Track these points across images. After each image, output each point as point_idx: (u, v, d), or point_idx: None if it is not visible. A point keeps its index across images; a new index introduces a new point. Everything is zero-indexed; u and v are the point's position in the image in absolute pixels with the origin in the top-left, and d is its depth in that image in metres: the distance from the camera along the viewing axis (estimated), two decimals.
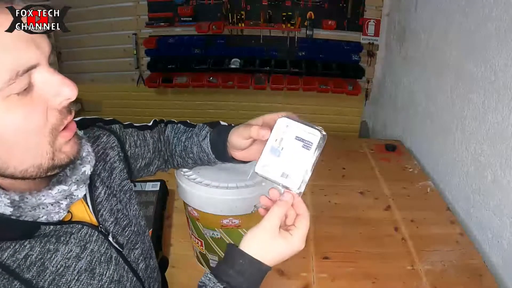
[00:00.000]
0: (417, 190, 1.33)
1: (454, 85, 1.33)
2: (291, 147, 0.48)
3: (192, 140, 0.65)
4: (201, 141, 0.63)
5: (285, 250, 0.48)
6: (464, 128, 1.25)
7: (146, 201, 1.08)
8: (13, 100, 0.36)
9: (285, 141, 0.48)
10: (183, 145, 0.67)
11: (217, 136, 0.61)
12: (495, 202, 1.06)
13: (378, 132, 2.38)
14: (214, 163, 0.65)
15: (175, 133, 0.69)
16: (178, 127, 0.69)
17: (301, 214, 0.49)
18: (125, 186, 0.57)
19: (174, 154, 0.69)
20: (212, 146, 0.62)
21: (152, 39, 2.38)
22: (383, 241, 1.07)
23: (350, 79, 2.36)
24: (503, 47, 1.04)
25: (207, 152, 0.62)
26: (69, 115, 0.41)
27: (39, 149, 0.39)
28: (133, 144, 0.62)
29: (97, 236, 0.47)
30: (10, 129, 0.36)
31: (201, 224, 0.82)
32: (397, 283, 0.93)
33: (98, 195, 0.50)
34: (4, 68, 0.34)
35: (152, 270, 0.59)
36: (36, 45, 0.38)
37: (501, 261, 1.02)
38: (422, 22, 1.66)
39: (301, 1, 2.21)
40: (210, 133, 0.63)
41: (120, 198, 0.55)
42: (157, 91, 2.64)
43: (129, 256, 0.52)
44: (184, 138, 0.67)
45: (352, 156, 1.56)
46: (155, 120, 0.70)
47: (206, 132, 0.64)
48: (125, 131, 0.62)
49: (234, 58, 2.38)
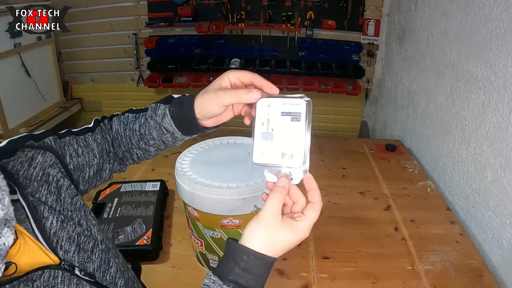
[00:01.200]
0: (417, 190, 1.33)
1: (454, 85, 1.33)
2: (281, 125, 0.45)
3: (148, 124, 0.58)
4: (160, 121, 0.56)
5: (291, 239, 0.44)
6: (464, 128, 1.25)
7: (146, 201, 1.08)
8: None
9: (272, 121, 0.46)
10: (139, 134, 0.59)
11: (180, 110, 0.55)
12: (495, 202, 1.06)
13: (378, 132, 2.38)
14: (180, 141, 0.59)
15: (125, 124, 0.61)
16: (126, 117, 0.61)
17: (313, 202, 0.46)
18: (77, 203, 0.50)
19: (131, 148, 0.61)
20: (176, 122, 0.55)
21: (152, 39, 2.38)
22: (383, 241, 1.07)
23: (350, 79, 2.36)
24: (503, 47, 1.04)
25: (172, 130, 0.56)
26: None
27: None
28: (74, 155, 0.54)
29: (62, 276, 0.41)
30: None
31: (201, 224, 0.82)
32: (397, 283, 0.93)
33: (50, 226, 0.43)
34: None
35: (132, 282, 0.54)
36: None
37: (501, 261, 1.02)
38: (422, 22, 1.66)
39: (301, 1, 2.22)
40: (168, 109, 0.56)
41: (77, 219, 0.48)
42: (157, 91, 2.64)
43: (104, 279, 0.47)
44: (138, 125, 0.59)
45: (352, 156, 1.55)
46: (96, 119, 0.62)
47: (163, 110, 0.56)
48: (62, 141, 0.54)
49: (234, 58, 2.38)
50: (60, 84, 2.57)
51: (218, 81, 0.51)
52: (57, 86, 2.56)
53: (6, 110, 2.06)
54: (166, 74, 2.45)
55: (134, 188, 1.14)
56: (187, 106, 0.53)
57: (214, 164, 0.83)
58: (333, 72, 2.29)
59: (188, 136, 0.58)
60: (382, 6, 2.21)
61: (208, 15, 2.30)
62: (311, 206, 0.45)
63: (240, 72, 0.50)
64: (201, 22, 2.28)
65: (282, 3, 2.23)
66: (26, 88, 2.24)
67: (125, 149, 0.62)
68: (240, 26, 2.28)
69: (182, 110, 0.54)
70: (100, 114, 0.61)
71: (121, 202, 1.06)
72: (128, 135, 0.60)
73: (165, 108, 0.56)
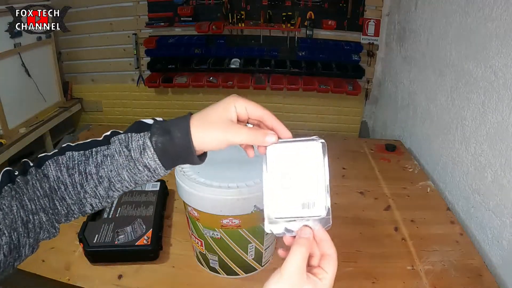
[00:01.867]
0: (417, 190, 1.33)
1: (454, 85, 1.33)
2: (297, 171, 0.41)
3: (113, 163, 0.45)
4: (139, 157, 0.44)
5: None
6: (464, 128, 1.25)
7: (146, 201, 1.08)
8: None
9: (287, 168, 0.41)
10: (97, 178, 0.45)
11: (168, 140, 0.43)
12: (495, 202, 1.06)
13: (378, 132, 2.38)
14: (157, 178, 0.47)
15: (70, 167, 0.45)
16: (69, 158, 0.46)
17: (329, 255, 0.43)
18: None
19: (83, 198, 0.46)
20: (160, 156, 0.44)
21: (152, 39, 2.38)
22: (383, 241, 1.07)
23: (350, 79, 2.36)
24: (503, 47, 1.04)
25: (154, 167, 0.44)
26: None
27: None
28: None
29: None
30: None
31: (201, 224, 0.82)
32: (397, 283, 0.93)
33: None
34: None
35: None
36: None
37: (501, 261, 1.02)
38: (422, 22, 1.66)
39: (301, 1, 2.22)
40: (149, 139, 0.44)
41: None
42: (157, 91, 2.64)
43: None
44: (93, 167, 0.45)
45: (352, 156, 1.55)
46: (6, 171, 0.45)
47: (141, 142, 0.44)
48: None
49: (234, 58, 2.38)
50: (60, 84, 2.57)
51: (223, 111, 0.43)
52: (57, 86, 2.56)
53: (6, 110, 2.06)
54: (166, 74, 2.45)
55: (134, 188, 1.14)
56: (179, 136, 0.43)
57: (214, 164, 0.83)
58: (333, 72, 2.29)
59: (169, 170, 0.47)
60: (382, 6, 2.20)
61: (208, 15, 2.30)
62: (329, 259, 0.42)
63: (250, 104, 0.44)
64: (201, 22, 2.28)
65: (282, 3, 2.23)
66: (26, 88, 2.24)
67: (73, 201, 0.46)
68: (240, 26, 2.28)
69: (171, 141, 0.43)
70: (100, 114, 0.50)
71: (121, 202, 1.06)
72: (78, 181, 0.45)
73: (143, 139, 0.44)
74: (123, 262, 0.93)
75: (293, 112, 2.60)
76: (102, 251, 0.90)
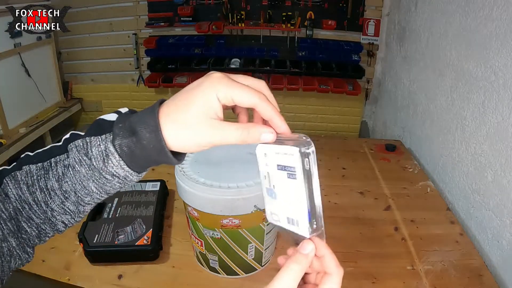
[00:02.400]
0: (417, 190, 1.33)
1: (454, 85, 1.33)
2: (280, 182, 0.35)
3: (76, 175, 0.38)
4: (102, 167, 0.37)
5: None
6: (464, 128, 1.25)
7: (146, 201, 1.08)
8: None
9: (272, 175, 0.36)
10: (62, 193, 0.39)
11: (135, 142, 0.36)
12: (495, 202, 1.06)
13: (378, 132, 2.38)
14: (133, 182, 0.41)
15: (30, 185, 0.39)
16: (27, 173, 0.39)
17: (329, 274, 0.36)
18: None
19: (52, 217, 0.40)
20: (128, 161, 0.37)
21: (152, 39, 2.38)
22: (383, 241, 1.07)
23: (350, 79, 2.36)
24: (503, 47, 1.04)
25: (123, 175, 0.38)
26: None
27: None
28: None
29: None
30: None
31: (201, 224, 0.82)
32: (397, 283, 0.93)
33: None
34: None
35: None
36: None
37: (501, 261, 1.02)
38: (422, 22, 1.66)
39: (301, 1, 2.22)
40: (112, 144, 0.36)
41: None
42: (157, 91, 2.64)
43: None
44: (54, 181, 0.39)
45: (352, 156, 1.55)
46: None
47: (103, 148, 0.37)
48: None
49: (234, 58, 2.38)
50: (60, 84, 2.57)
51: (202, 107, 0.35)
52: (57, 86, 2.56)
53: (6, 110, 2.06)
54: (166, 74, 2.45)
55: (134, 188, 1.14)
56: (147, 136, 0.35)
57: (214, 164, 0.83)
58: (333, 72, 2.29)
59: (144, 172, 0.41)
60: (382, 6, 2.20)
61: (208, 15, 2.30)
62: (328, 278, 0.36)
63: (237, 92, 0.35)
64: (201, 22, 2.28)
65: (282, 3, 2.23)
66: (26, 88, 2.24)
67: (41, 221, 0.40)
68: (240, 26, 2.28)
69: (139, 143, 0.36)
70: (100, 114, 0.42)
71: (121, 202, 1.06)
72: (42, 199, 0.39)
73: (105, 143, 0.37)
74: (123, 262, 0.93)
75: (293, 112, 2.60)
76: (102, 251, 0.90)
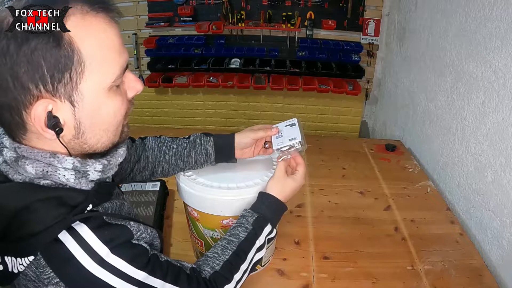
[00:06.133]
0: (417, 190, 1.33)
1: (454, 85, 1.33)
2: (285, 131, 0.78)
3: (189, 145, 0.78)
4: (205, 144, 0.78)
5: (294, 185, 0.73)
6: (464, 128, 1.25)
7: (146, 201, 1.08)
8: (114, 91, 0.49)
9: (281, 130, 0.79)
10: (175, 151, 0.79)
11: (222, 139, 0.78)
12: (495, 202, 1.06)
13: (378, 132, 2.38)
14: (207, 165, 0.80)
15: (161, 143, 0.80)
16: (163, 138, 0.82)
17: (299, 163, 0.75)
18: None
19: (161, 161, 0.79)
20: (216, 148, 0.77)
21: (152, 39, 2.38)
22: (383, 241, 1.07)
23: (350, 79, 2.36)
24: (503, 47, 1.04)
25: (211, 152, 0.77)
26: (132, 104, 0.55)
27: (118, 130, 0.52)
28: None
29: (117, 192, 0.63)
30: (111, 113, 0.49)
31: (201, 225, 0.82)
32: (397, 283, 0.93)
33: None
34: (118, 65, 0.48)
35: None
36: (126, 49, 0.50)
37: (501, 261, 1.02)
38: (422, 22, 1.66)
39: (301, 1, 2.21)
40: (212, 137, 0.79)
41: None
42: (157, 91, 2.64)
43: None
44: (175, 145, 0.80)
45: (352, 156, 1.55)
46: None
47: (208, 138, 0.79)
48: None
49: (234, 58, 2.37)
50: None
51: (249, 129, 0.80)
52: None
53: None
54: (166, 74, 2.45)
55: (134, 188, 1.14)
56: (228, 137, 0.78)
57: (214, 165, 0.83)
58: (333, 72, 2.29)
59: (215, 162, 0.79)
60: (382, 6, 2.20)
61: (208, 15, 2.30)
62: (299, 165, 0.75)
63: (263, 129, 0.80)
64: (201, 22, 2.28)
65: (282, 3, 2.22)
66: None
67: (152, 161, 0.79)
68: (240, 26, 2.28)
69: (223, 141, 0.79)
70: None
71: None
72: (163, 150, 0.79)
73: (209, 137, 0.79)
74: None
75: (293, 112, 2.60)
76: None
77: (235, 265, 0.64)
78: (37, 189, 0.47)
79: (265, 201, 0.71)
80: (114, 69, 0.47)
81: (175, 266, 0.57)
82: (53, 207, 0.46)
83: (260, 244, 0.68)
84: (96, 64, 0.45)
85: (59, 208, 0.46)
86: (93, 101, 0.46)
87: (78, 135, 0.48)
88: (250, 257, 0.66)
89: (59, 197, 0.47)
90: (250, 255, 0.66)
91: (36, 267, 0.45)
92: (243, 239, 0.66)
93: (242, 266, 0.65)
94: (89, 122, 0.48)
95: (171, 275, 0.54)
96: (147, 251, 0.53)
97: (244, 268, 0.66)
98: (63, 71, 0.43)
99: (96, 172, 0.50)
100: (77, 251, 0.45)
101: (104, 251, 0.46)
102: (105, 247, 0.47)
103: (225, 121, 2.65)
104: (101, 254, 0.46)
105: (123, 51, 0.48)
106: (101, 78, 0.46)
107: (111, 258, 0.47)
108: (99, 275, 0.46)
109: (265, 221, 0.69)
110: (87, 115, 0.47)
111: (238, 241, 0.66)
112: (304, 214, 1.17)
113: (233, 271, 0.64)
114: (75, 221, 0.46)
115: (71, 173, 0.48)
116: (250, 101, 2.54)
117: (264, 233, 0.69)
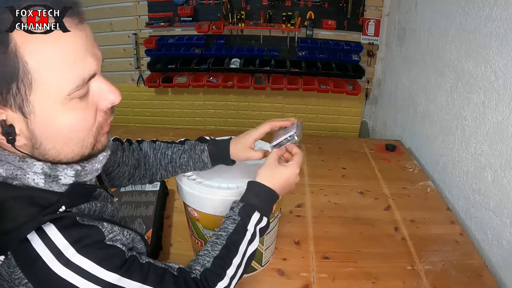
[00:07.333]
0: (417, 190, 1.33)
1: (454, 85, 1.33)
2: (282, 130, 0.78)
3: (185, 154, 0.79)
4: (200, 154, 0.79)
5: (286, 172, 0.70)
6: (464, 128, 1.25)
7: (146, 201, 1.08)
8: (74, 103, 0.45)
9: None
10: (170, 158, 0.79)
11: (216, 149, 0.79)
12: (495, 202, 1.06)
13: (378, 132, 2.38)
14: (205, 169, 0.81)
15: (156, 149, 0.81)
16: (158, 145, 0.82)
17: (296, 153, 0.72)
18: None
19: (158, 168, 0.80)
20: (211, 157, 0.79)
21: (152, 39, 2.38)
22: (383, 241, 1.07)
23: (350, 79, 2.36)
24: (503, 47, 1.04)
25: (206, 161, 0.79)
26: (111, 115, 0.52)
27: (86, 142, 0.49)
28: None
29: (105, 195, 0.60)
30: (69, 127, 0.46)
31: (201, 225, 0.82)
32: (397, 283, 0.93)
33: None
34: (75, 76, 0.43)
35: None
36: (95, 56, 0.46)
37: (501, 261, 1.02)
38: (422, 22, 1.66)
39: (301, 1, 2.21)
40: (207, 147, 0.79)
41: None
42: (157, 91, 2.64)
43: None
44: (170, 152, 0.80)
45: (352, 156, 1.56)
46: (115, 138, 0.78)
47: (202, 147, 0.79)
48: None
49: (234, 58, 2.37)
50: None
51: None
52: None
53: None
54: (166, 74, 2.45)
55: (134, 188, 1.14)
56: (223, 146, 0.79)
57: None
58: (333, 72, 2.29)
59: (214, 166, 0.81)
60: (382, 6, 2.20)
61: (208, 15, 2.30)
62: (297, 154, 0.72)
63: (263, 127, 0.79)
64: (201, 22, 2.28)
65: (282, 3, 2.22)
66: None
67: (149, 167, 0.80)
68: (240, 26, 2.28)
69: (217, 150, 0.79)
70: None
71: (121, 202, 1.06)
72: (158, 157, 0.79)
73: (204, 146, 0.79)
74: None
75: (293, 112, 2.60)
76: None
77: (227, 260, 0.62)
78: (9, 188, 0.46)
79: (253, 189, 0.68)
80: (69, 80, 0.43)
81: (159, 268, 0.55)
82: (25, 206, 0.45)
83: (251, 234, 0.65)
84: (46, 76, 0.41)
85: (31, 208, 0.46)
86: (46, 114, 0.43)
87: (36, 145, 0.46)
88: (243, 249, 0.64)
89: (31, 196, 0.46)
90: (242, 248, 0.64)
91: (8, 266, 0.44)
92: (232, 231, 0.64)
93: (234, 260, 0.62)
94: (44, 135, 0.45)
95: (153, 277, 0.52)
96: (122, 252, 0.51)
97: (238, 262, 0.63)
98: (9, 82, 0.41)
99: (69, 177, 0.49)
100: (43, 251, 0.44)
101: (70, 251, 0.45)
102: (71, 247, 0.45)
103: (225, 121, 2.65)
104: (67, 255, 0.45)
105: (86, 60, 0.44)
106: (52, 90, 0.42)
107: (78, 259, 0.46)
108: (65, 276, 0.45)
109: (252, 209, 0.66)
110: (41, 127, 0.44)
111: (227, 234, 0.63)
112: (304, 214, 1.17)
113: (225, 266, 0.61)
114: (46, 221, 0.45)
115: (41, 177, 0.47)
116: (250, 101, 2.54)
117: (252, 221, 0.65)
